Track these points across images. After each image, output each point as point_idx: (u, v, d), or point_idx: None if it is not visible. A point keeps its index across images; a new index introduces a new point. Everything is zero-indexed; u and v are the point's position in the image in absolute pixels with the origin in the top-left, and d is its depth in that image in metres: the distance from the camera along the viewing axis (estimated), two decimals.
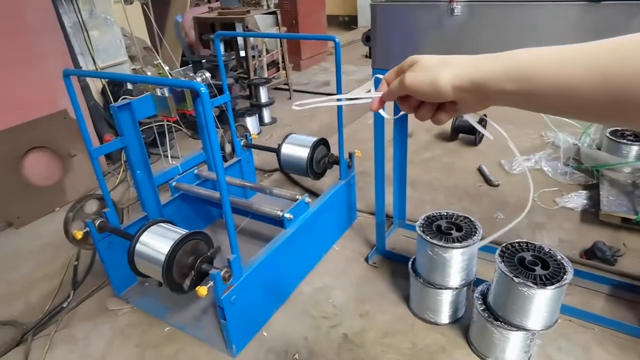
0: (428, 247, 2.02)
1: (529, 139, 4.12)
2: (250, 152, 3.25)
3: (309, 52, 7.31)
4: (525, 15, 1.69)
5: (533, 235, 2.81)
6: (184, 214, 2.83)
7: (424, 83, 0.67)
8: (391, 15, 1.99)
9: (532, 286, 1.71)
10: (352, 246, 2.83)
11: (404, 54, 2.07)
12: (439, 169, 3.74)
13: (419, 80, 0.67)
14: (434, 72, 0.66)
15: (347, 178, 2.83)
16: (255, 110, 4.82)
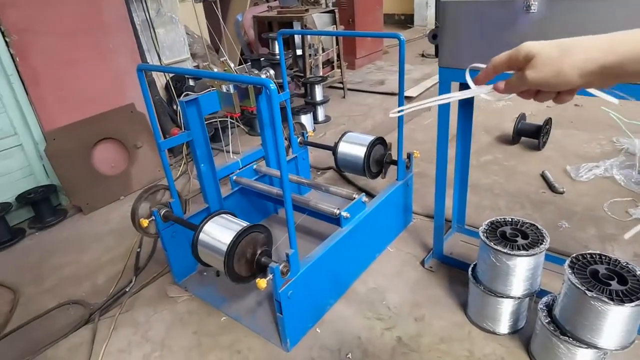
0: (491, 254, 1.95)
1: (598, 145, 3.88)
2: (306, 149, 3.28)
3: (364, 51, 7.27)
4: (612, 12, 1.58)
5: (603, 247, 2.64)
6: (242, 207, 2.89)
7: (549, 78, 0.65)
8: (461, 12, 1.92)
9: (607, 302, 1.60)
10: (407, 248, 2.78)
11: (473, 53, 2.01)
12: (499, 172, 3.60)
13: (543, 76, 0.66)
14: (557, 65, 0.64)
15: (404, 179, 2.79)
16: (310, 108, 4.85)
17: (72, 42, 3.46)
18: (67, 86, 3.49)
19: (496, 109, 4.98)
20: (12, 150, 3.39)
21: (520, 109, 4.43)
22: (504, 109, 4.93)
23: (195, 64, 5.16)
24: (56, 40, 3.37)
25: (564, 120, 4.40)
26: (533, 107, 4.76)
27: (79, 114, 3.56)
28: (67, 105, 3.51)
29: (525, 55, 0.68)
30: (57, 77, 3.43)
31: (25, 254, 3.16)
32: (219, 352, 2.18)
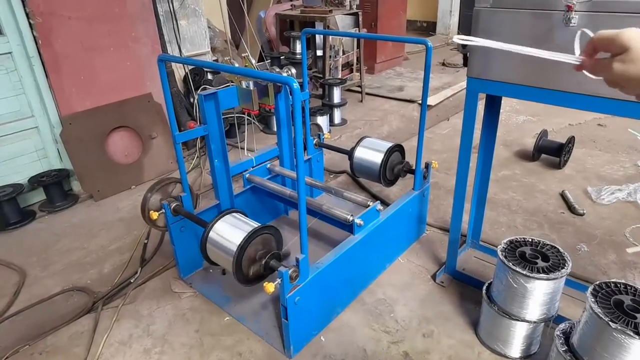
0: (509, 274, 1.87)
1: (621, 168, 3.77)
2: (322, 151, 3.22)
3: (384, 56, 7.19)
4: None
5: (623, 274, 2.54)
6: (253, 206, 2.85)
7: (634, 78, 0.61)
8: (496, 21, 1.86)
9: (632, 335, 1.52)
10: (418, 261, 2.71)
11: (504, 66, 1.93)
12: (517, 189, 3.51)
13: (629, 74, 0.62)
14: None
15: (421, 189, 2.72)
16: (327, 110, 4.80)
17: (95, 28, 3.45)
18: (86, 72, 3.48)
19: (517, 123, 4.88)
20: (28, 132, 3.38)
21: (542, 125, 4.34)
22: (525, 123, 4.83)
23: (214, 58, 5.14)
24: (79, 25, 3.36)
25: (586, 140, 4.29)
26: (554, 124, 4.65)
27: (96, 101, 3.55)
28: (86, 91, 3.50)
29: (621, 45, 0.63)
30: (77, 62, 3.42)
31: (34, 236, 3.14)
32: (220, 352, 2.14)
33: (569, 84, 1.74)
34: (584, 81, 1.69)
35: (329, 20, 5.38)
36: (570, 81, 1.73)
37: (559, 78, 1.76)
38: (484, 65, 1.95)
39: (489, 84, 1.97)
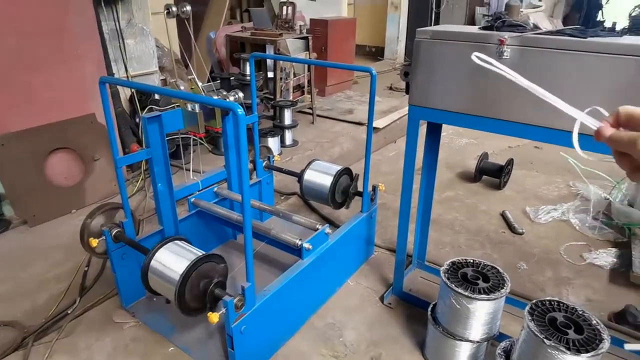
0: (452, 296, 1.92)
1: (556, 188, 4.01)
2: (272, 173, 3.21)
3: (335, 80, 7.34)
4: (579, 64, 1.63)
5: (558, 290, 2.68)
6: (199, 231, 2.77)
7: None
8: (435, 52, 1.94)
9: (564, 351, 1.60)
10: (367, 283, 2.72)
11: (444, 94, 2.02)
12: (460, 210, 3.64)
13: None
14: None
15: (369, 211, 2.76)
16: (278, 131, 4.81)
17: (34, 44, 3.29)
18: (24, 90, 3.29)
19: (459, 146, 5.10)
20: None
21: (483, 147, 4.55)
22: (467, 146, 5.05)
23: (163, 77, 5.04)
24: (16, 40, 3.19)
25: (524, 161, 4.54)
26: (495, 146, 4.90)
27: (35, 120, 3.35)
28: (22, 109, 3.30)
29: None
30: (13, 79, 3.23)
31: None
32: None
33: (506, 113, 1.84)
34: (518, 111, 1.81)
35: (280, 43, 5.44)
36: (507, 110, 1.83)
37: (496, 107, 1.86)
38: (424, 93, 2.03)
39: (430, 112, 2.05)
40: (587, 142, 1.72)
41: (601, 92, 1.62)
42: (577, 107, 1.85)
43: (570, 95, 1.67)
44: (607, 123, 0.65)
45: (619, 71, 1.56)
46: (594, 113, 0.69)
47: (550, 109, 1.81)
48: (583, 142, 1.78)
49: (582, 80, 1.64)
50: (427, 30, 1.96)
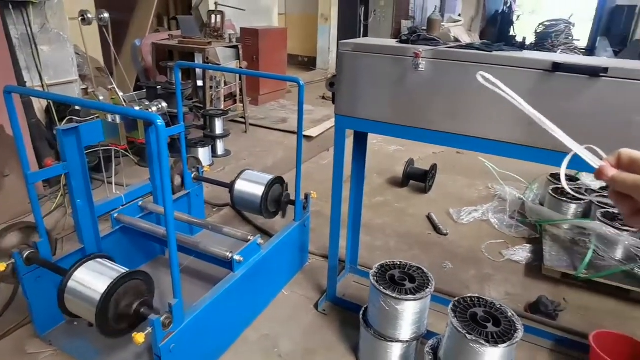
0: (381, 298, 1.98)
1: (476, 190, 4.28)
2: (201, 185, 3.13)
3: (268, 89, 7.34)
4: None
5: (481, 287, 2.85)
6: (124, 248, 2.63)
7: None
8: (357, 64, 2.01)
9: (484, 344, 1.70)
10: (301, 291, 2.73)
11: (368, 104, 2.08)
12: (390, 214, 3.77)
13: None
14: None
15: (301, 219, 2.77)
16: (209, 141, 4.71)
17: None
18: None
19: (388, 153, 5.29)
20: None
21: (410, 154, 4.76)
22: (396, 153, 5.25)
23: (84, 86, 4.76)
24: None
25: (448, 166, 4.80)
26: (421, 152, 5.14)
27: None
28: None
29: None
30: None
31: None
32: None
33: (426, 122, 1.94)
34: (437, 120, 1.92)
35: (208, 52, 5.35)
36: (427, 120, 1.93)
37: (417, 117, 1.95)
38: (349, 103, 2.08)
39: (356, 121, 2.12)
40: (499, 148, 1.85)
41: (506, 102, 1.75)
42: (485, 115, 1.98)
43: (479, 105, 1.81)
44: (608, 162, 0.64)
45: (519, 82, 1.70)
46: (587, 149, 0.68)
47: (464, 119, 1.93)
48: (495, 148, 1.90)
49: (488, 90, 1.77)
50: (350, 43, 2.03)
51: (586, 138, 1.75)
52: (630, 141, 1.60)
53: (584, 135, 1.65)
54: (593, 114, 1.63)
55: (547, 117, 1.92)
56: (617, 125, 1.61)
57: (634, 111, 1.57)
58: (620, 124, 1.61)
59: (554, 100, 1.69)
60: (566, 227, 3.23)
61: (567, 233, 3.19)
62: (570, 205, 3.32)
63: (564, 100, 1.67)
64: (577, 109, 1.65)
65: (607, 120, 1.62)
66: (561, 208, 3.34)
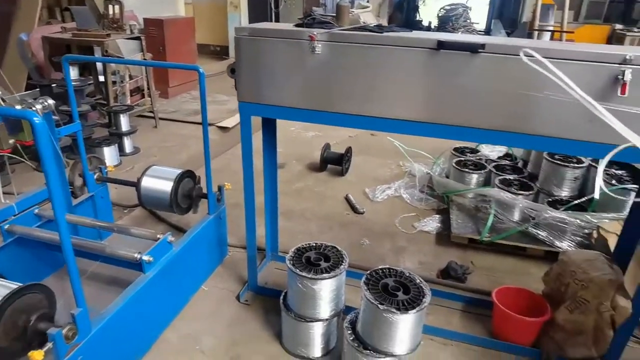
0: (298, 280, 2.01)
1: (389, 169, 4.46)
2: (106, 186, 2.94)
3: (178, 80, 7.05)
4: (379, 56, 1.82)
5: (397, 259, 2.99)
6: (22, 262, 2.41)
7: None
8: (256, 49, 1.98)
9: (395, 312, 1.79)
10: (223, 284, 2.68)
11: (271, 89, 2.07)
12: (310, 198, 3.82)
13: None
14: None
15: (216, 212, 2.71)
16: (115, 139, 4.43)
17: None
18: None
19: (307, 139, 5.33)
20: None
21: (328, 138, 4.82)
22: (314, 138, 5.31)
23: None
24: None
25: (363, 148, 4.94)
26: (338, 137, 5.24)
27: None
28: None
29: None
30: None
31: None
32: None
33: (331, 106, 1.96)
34: (341, 103, 1.95)
35: (108, 45, 4.99)
36: (332, 103, 1.95)
37: (323, 101, 1.96)
38: (252, 89, 2.05)
39: (260, 108, 2.09)
40: (405, 127, 1.91)
41: (399, 80, 1.83)
42: (388, 96, 2.04)
43: (380, 86, 1.87)
44: None
45: (409, 60, 1.78)
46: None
47: (365, 100, 1.97)
48: (401, 127, 1.95)
49: (381, 69, 1.84)
50: (246, 28, 2.00)
51: (479, 112, 1.87)
52: (517, 113, 1.75)
53: (477, 109, 1.79)
54: (479, 89, 1.75)
55: (438, 93, 2.02)
56: (504, 97, 1.74)
57: (514, 84, 1.71)
58: (505, 97, 1.74)
59: (442, 77, 1.79)
60: (470, 196, 3.48)
61: (471, 201, 3.44)
62: (472, 175, 3.58)
63: (451, 76, 1.77)
64: (464, 84, 1.76)
65: (493, 93, 1.74)
66: (464, 179, 3.59)
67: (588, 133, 1.70)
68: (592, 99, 1.62)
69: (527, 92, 1.70)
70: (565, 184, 3.19)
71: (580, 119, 1.68)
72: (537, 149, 3.42)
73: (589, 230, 2.81)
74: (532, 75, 1.68)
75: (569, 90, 0.77)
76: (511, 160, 3.94)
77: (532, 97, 1.70)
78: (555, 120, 1.72)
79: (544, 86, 1.67)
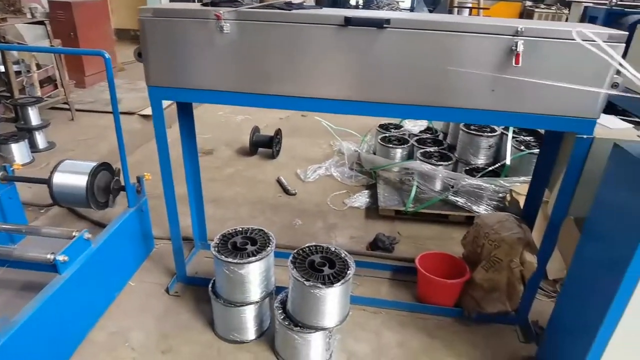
0: (224, 267, 1.98)
1: (320, 149, 4.50)
2: (14, 186, 2.72)
3: (94, 68, 6.59)
4: (290, 35, 1.80)
5: (328, 236, 3.04)
6: None
7: None
8: (162, 30, 1.89)
9: (321, 287, 1.82)
10: (150, 278, 2.60)
11: (179, 71, 1.99)
12: (241, 183, 3.77)
13: None
14: None
15: (137, 205, 2.60)
16: (24, 135, 4.08)
17: None
18: None
19: (236, 123, 5.23)
20: None
21: (258, 122, 4.76)
22: (243, 122, 5.22)
23: None
24: None
25: (294, 130, 4.94)
26: (268, 119, 5.19)
27: None
28: None
29: None
30: None
31: None
32: None
33: (248, 87, 1.92)
34: (256, 83, 1.91)
35: (6, 31, 4.55)
36: (246, 84, 1.91)
37: (239, 81, 1.92)
38: (165, 73, 1.96)
39: (174, 92, 2.01)
40: (331, 105, 1.90)
41: (314, 58, 1.83)
42: (295, 73, 2.01)
43: (289, 62, 1.85)
44: None
45: (318, 37, 1.78)
46: None
47: (278, 80, 1.94)
48: (326, 106, 1.94)
49: (294, 48, 1.82)
50: (149, 9, 1.89)
51: (394, 87, 1.90)
52: (429, 87, 1.80)
53: (392, 84, 1.83)
54: (391, 64, 1.79)
55: (354, 71, 2.03)
56: (415, 72, 1.79)
57: (423, 59, 1.76)
58: (417, 72, 1.78)
59: (355, 54, 1.80)
60: (395, 170, 3.60)
61: (396, 175, 3.56)
62: (397, 150, 3.70)
63: (363, 53, 1.79)
64: (377, 61, 1.79)
65: (405, 68, 1.79)
66: (389, 154, 3.70)
67: (492, 103, 1.80)
68: (493, 69, 1.74)
69: (436, 66, 1.76)
70: (480, 152, 3.39)
71: (484, 90, 1.78)
72: (450, 120, 3.60)
73: (503, 194, 3.02)
74: (439, 50, 1.75)
75: (622, 70, 0.88)
76: (432, 133, 4.12)
77: (440, 72, 1.77)
78: (463, 92, 1.80)
79: (450, 61, 1.74)
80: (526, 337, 2.25)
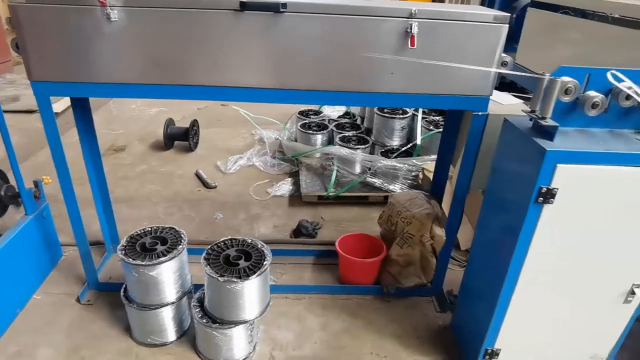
0: (133, 270, 1.88)
1: (242, 139, 4.41)
2: None
3: None
4: (186, 21, 1.71)
5: (251, 227, 3.00)
6: None
7: None
8: (40, 19, 1.72)
9: (236, 281, 1.79)
10: (59, 289, 2.41)
11: (70, 64, 1.83)
12: (156, 180, 3.60)
13: None
14: None
15: (36, 211, 2.38)
16: None
17: None
18: None
19: (150, 116, 4.97)
20: None
21: (173, 114, 4.55)
22: (158, 115, 4.97)
23: None
24: None
25: (212, 120, 4.79)
26: (185, 111, 4.99)
27: None
28: None
29: None
30: None
31: None
32: None
33: (141, 77, 1.81)
34: (146, 72, 1.80)
35: None
36: (159, 76, 1.81)
37: (148, 73, 1.81)
38: (43, 66, 1.80)
39: (64, 87, 1.85)
40: (243, 94, 1.84)
41: (216, 45, 1.75)
42: (195, 61, 1.92)
43: (190, 50, 1.76)
44: None
45: (210, 23, 1.71)
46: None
47: (177, 69, 1.85)
48: (249, 95, 1.86)
49: (192, 35, 1.74)
50: None
51: (303, 73, 1.87)
52: (335, 72, 1.80)
53: (300, 70, 1.80)
54: (296, 50, 1.76)
55: (253, 56, 1.97)
56: (319, 57, 1.78)
57: (325, 44, 1.75)
58: (320, 57, 1.77)
59: (254, 39, 1.75)
60: (317, 155, 3.62)
61: (317, 161, 3.59)
62: (317, 136, 3.72)
63: (261, 38, 1.75)
64: (276, 46, 1.75)
65: (308, 53, 1.77)
66: (310, 140, 3.71)
67: (393, 85, 1.85)
68: (391, 52, 1.78)
69: (338, 51, 1.77)
70: (394, 134, 3.50)
71: (385, 73, 1.82)
72: (360, 104, 3.68)
73: (416, 172, 3.15)
74: (339, 35, 1.75)
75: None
76: (350, 118, 4.19)
77: (344, 56, 1.78)
78: (368, 76, 1.83)
79: (351, 45, 1.76)
80: (442, 306, 2.38)
